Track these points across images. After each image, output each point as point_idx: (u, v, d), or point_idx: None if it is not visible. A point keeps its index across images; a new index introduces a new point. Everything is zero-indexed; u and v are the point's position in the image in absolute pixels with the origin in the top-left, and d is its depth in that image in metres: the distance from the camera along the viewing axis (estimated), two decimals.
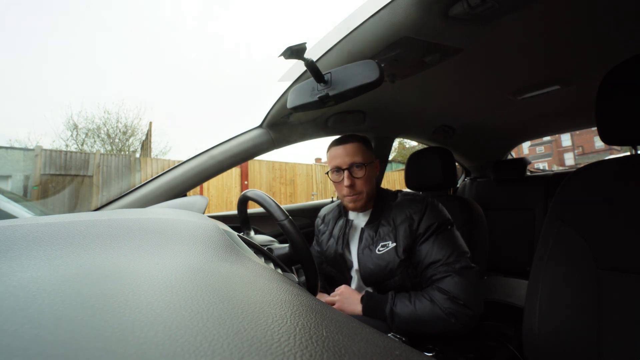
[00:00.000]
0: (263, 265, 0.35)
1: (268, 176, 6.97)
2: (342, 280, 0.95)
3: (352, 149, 0.86)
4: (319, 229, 1.07)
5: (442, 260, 0.77)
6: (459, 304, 0.71)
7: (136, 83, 28.00)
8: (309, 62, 0.53)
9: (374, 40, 0.72)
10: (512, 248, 1.81)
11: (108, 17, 30.14)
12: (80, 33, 25.84)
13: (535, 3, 0.63)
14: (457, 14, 0.63)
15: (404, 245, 0.81)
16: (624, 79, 0.56)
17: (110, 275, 0.22)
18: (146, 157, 6.20)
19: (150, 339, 0.15)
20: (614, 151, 17.10)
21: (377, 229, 0.87)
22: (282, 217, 0.61)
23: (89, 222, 0.32)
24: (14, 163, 4.96)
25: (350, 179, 0.85)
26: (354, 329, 0.21)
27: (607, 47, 0.84)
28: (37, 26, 23.04)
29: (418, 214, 0.83)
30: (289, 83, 0.93)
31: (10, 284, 0.20)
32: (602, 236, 0.57)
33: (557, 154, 29.96)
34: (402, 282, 0.81)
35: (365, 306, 0.80)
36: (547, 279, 0.62)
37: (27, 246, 0.26)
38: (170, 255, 0.29)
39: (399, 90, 1.07)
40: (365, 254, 0.86)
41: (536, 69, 0.99)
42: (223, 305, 0.20)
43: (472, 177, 2.23)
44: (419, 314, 0.73)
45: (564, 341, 0.58)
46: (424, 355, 0.21)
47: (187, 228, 0.36)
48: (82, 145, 8.40)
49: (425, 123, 1.50)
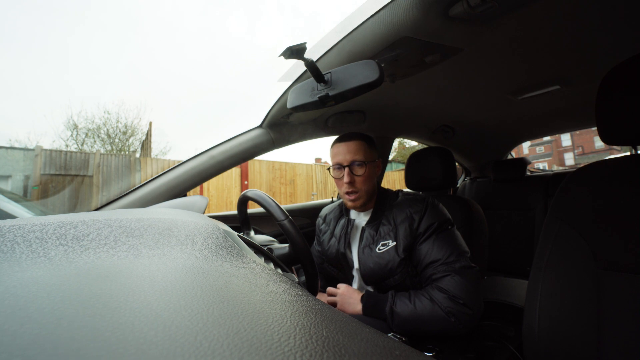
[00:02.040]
0: (263, 265, 0.35)
1: (268, 176, 6.97)
2: (343, 280, 0.95)
3: (354, 146, 0.86)
4: (320, 228, 1.07)
5: (442, 260, 0.77)
6: (458, 303, 0.72)
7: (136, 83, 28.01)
8: (309, 62, 0.53)
9: (374, 40, 0.72)
10: (512, 248, 1.81)
11: (108, 16, 30.16)
12: (80, 33, 25.86)
13: (535, 3, 0.63)
14: (457, 14, 0.63)
15: (404, 244, 0.81)
16: (624, 79, 0.56)
17: (110, 275, 0.22)
18: (146, 157, 6.20)
19: (150, 339, 0.15)
20: (614, 151, 17.11)
21: (377, 228, 0.87)
22: (282, 217, 0.61)
23: (89, 222, 0.32)
24: (14, 163, 4.96)
25: (350, 176, 0.85)
26: (354, 329, 0.21)
27: (607, 47, 0.84)
28: (37, 26, 23.06)
29: (418, 214, 0.84)
30: (289, 83, 0.93)
31: (10, 284, 0.20)
32: (602, 236, 0.57)
33: (557, 154, 29.96)
34: (402, 281, 0.82)
35: (365, 305, 0.80)
36: (547, 279, 0.62)
37: (27, 246, 0.26)
38: (170, 255, 0.29)
39: (399, 90, 1.07)
40: (365, 252, 0.86)
41: (536, 69, 0.99)
42: (223, 305, 0.20)
43: (472, 177, 2.23)
44: (418, 313, 0.74)
45: (564, 341, 0.58)
46: (424, 355, 0.21)
47: (187, 228, 0.36)
48: (82, 145, 8.40)
49: (425, 123, 1.50)
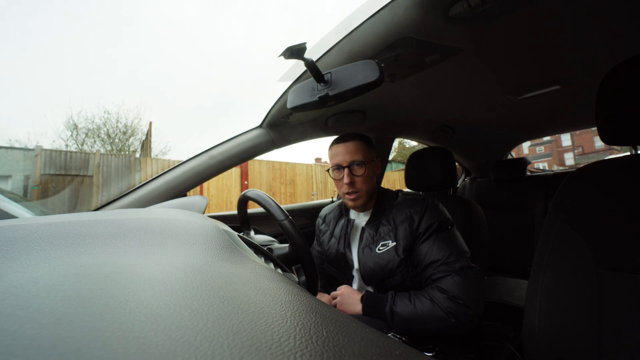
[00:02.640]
0: (263, 265, 0.35)
1: (268, 176, 6.97)
2: (343, 280, 0.95)
3: (352, 147, 0.86)
4: (319, 228, 1.07)
5: (442, 260, 0.77)
6: (458, 304, 0.72)
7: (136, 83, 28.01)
8: (309, 62, 0.53)
9: (374, 40, 0.72)
10: (512, 248, 1.81)
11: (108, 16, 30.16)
12: (80, 32, 25.86)
13: (535, 3, 0.63)
14: (457, 14, 0.63)
15: (404, 245, 0.81)
16: (624, 79, 0.56)
17: (110, 275, 0.22)
18: (146, 157, 6.20)
19: (150, 339, 0.15)
20: (614, 151, 17.09)
21: (377, 228, 0.87)
22: (282, 217, 0.61)
23: (89, 222, 0.32)
24: (14, 163, 4.96)
25: (350, 177, 0.85)
26: (354, 329, 0.21)
27: (607, 47, 0.84)
28: (37, 26, 23.06)
29: (418, 214, 0.84)
30: (289, 83, 0.93)
31: (10, 284, 0.20)
32: (602, 236, 0.57)
33: (557, 154, 29.95)
34: (402, 281, 0.82)
35: (365, 305, 0.81)
36: (547, 279, 0.62)
37: (27, 246, 0.26)
38: (170, 255, 0.29)
39: (399, 90, 1.07)
40: (365, 253, 0.86)
41: (536, 69, 0.98)
42: (223, 305, 0.20)
43: (472, 177, 2.23)
44: (418, 313, 0.74)
45: (564, 341, 0.58)
46: (424, 355, 0.21)
47: (187, 228, 0.36)
48: (82, 145, 8.41)
49: (425, 123, 1.50)
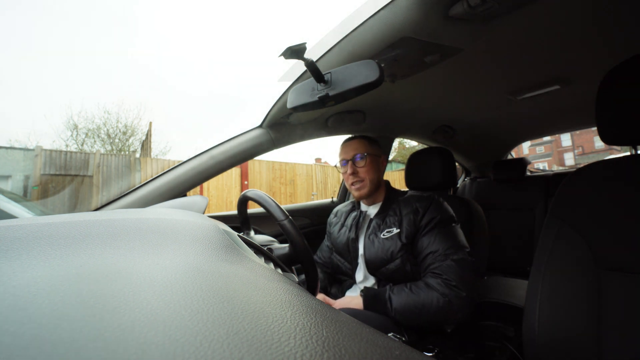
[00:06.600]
0: (263, 265, 0.35)
1: (268, 176, 6.96)
2: (348, 270, 1.01)
3: (356, 144, 0.99)
4: (330, 222, 1.15)
5: (441, 251, 0.82)
6: (451, 285, 0.76)
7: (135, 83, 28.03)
8: (309, 62, 0.53)
9: (374, 40, 0.72)
10: (512, 248, 1.81)
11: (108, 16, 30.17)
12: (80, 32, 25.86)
13: (535, 3, 0.62)
14: (457, 14, 0.63)
15: (407, 232, 0.88)
16: (624, 79, 0.56)
17: (110, 275, 0.22)
18: (146, 157, 6.20)
19: (150, 339, 0.15)
20: (614, 151, 17.09)
21: (384, 218, 0.95)
22: (282, 217, 0.61)
23: (89, 222, 0.32)
24: (14, 163, 4.95)
25: (352, 168, 0.96)
26: (354, 329, 0.21)
27: (607, 47, 0.84)
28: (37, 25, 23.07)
29: (423, 207, 0.91)
30: (289, 83, 0.93)
31: (10, 284, 0.20)
32: (602, 236, 0.57)
33: (557, 154, 29.94)
34: (402, 266, 0.86)
35: (365, 297, 0.85)
36: (547, 279, 0.62)
37: (27, 246, 0.26)
38: (170, 255, 0.29)
39: (399, 90, 1.07)
40: (371, 239, 0.94)
41: (536, 69, 0.99)
42: (223, 306, 0.20)
43: (472, 177, 2.23)
44: (414, 297, 0.78)
45: (564, 341, 0.58)
46: (424, 355, 0.21)
47: (187, 228, 0.36)
48: (82, 145, 8.39)
49: (425, 123, 1.50)
